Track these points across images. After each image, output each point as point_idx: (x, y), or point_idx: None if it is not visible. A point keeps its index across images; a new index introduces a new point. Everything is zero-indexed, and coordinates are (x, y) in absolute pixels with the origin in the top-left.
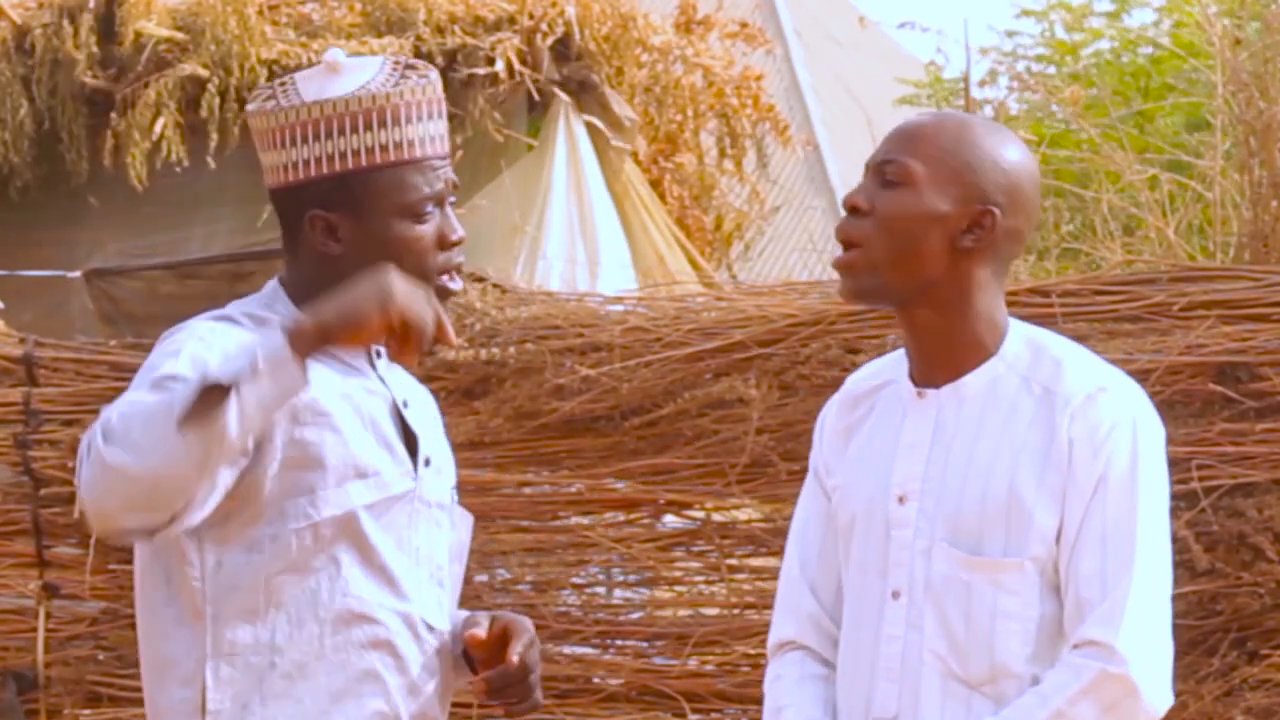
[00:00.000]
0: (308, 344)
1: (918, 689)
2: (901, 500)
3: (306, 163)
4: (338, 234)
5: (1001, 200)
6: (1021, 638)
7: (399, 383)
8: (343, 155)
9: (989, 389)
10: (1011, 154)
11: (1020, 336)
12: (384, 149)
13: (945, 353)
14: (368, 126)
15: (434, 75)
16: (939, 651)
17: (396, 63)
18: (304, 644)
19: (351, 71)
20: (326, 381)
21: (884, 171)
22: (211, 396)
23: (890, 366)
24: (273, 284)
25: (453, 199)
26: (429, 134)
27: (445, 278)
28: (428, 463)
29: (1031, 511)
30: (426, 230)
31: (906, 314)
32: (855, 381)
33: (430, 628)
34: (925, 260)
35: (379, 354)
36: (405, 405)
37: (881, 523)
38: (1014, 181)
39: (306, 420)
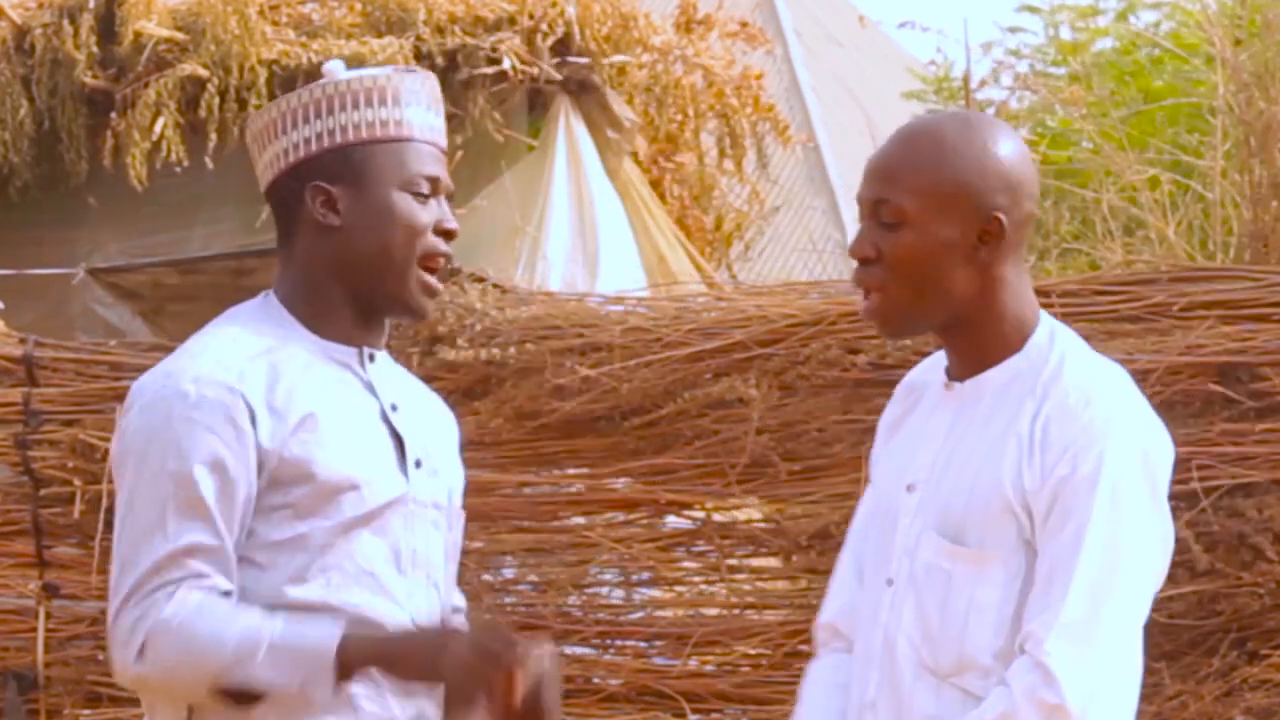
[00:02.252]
0: (355, 672)
1: (895, 676)
2: (910, 489)
3: (307, 140)
4: (337, 206)
5: (1003, 201)
6: (994, 630)
7: (389, 386)
8: (343, 129)
9: (1007, 384)
10: (996, 148)
11: (1046, 333)
12: (384, 124)
13: (975, 352)
14: (368, 103)
15: (432, 77)
16: (914, 640)
17: (396, 66)
18: None
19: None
20: (316, 389)
21: (879, 215)
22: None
23: (940, 360)
24: (262, 297)
25: (448, 199)
26: (427, 122)
27: (427, 271)
28: (418, 464)
29: (1010, 505)
30: (425, 211)
31: (941, 330)
32: (911, 374)
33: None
34: (951, 286)
35: (371, 357)
36: (395, 409)
37: (893, 511)
38: (1008, 175)
39: (298, 434)
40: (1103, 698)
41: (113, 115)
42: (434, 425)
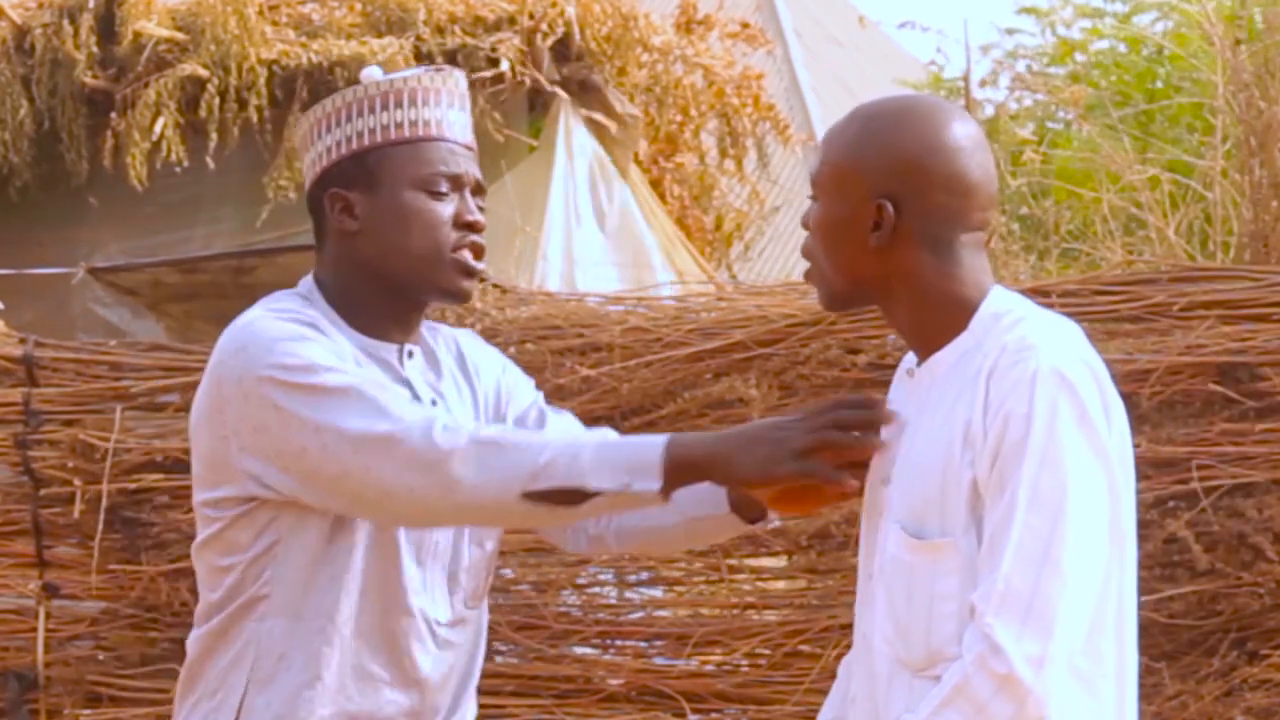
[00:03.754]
0: (685, 478)
1: (873, 671)
2: (885, 482)
3: (329, 149)
4: (354, 211)
5: (896, 188)
6: (957, 620)
7: (426, 384)
8: (359, 135)
9: (956, 364)
10: (909, 135)
11: (993, 306)
12: (399, 126)
13: (915, 335)
14: (384, 107)
15: (459, 74)
16: (887, 635)
17: (427, 67)
18: (310, 639)
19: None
20: None
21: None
22: (570, 493)
23: None
24: (308, 281)
25: (479, 202)
26: (448, 119)
27: (463, 254)
28: None
29: (962, 488)
30: (442, 206)
31: (879, 307)
32: (902, 361)
33: (439, 623)
34: (852, 264)
35: (410, 354)
36: (433, 405)
37: (876, 505)
38: (911, 163)
39: None
40: (1053, 662)
41: (113, 115)
42: (473, 418)
